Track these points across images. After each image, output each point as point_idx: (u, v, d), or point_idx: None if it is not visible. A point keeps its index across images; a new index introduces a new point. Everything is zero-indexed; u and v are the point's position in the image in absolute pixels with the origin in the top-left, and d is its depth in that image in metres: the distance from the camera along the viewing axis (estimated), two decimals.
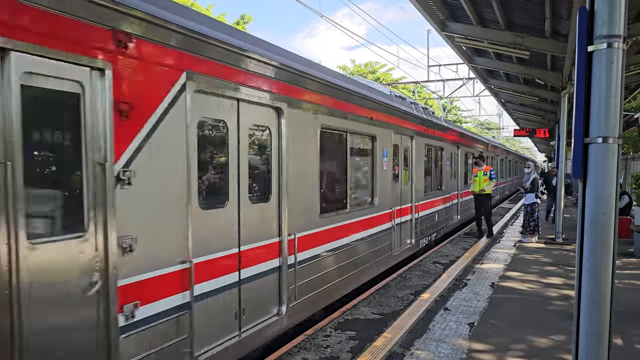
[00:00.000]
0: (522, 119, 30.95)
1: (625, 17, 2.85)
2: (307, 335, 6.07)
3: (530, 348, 5.69)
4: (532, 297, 7.83)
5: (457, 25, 11.23)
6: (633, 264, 10.30)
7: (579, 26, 2.93)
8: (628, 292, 8.11)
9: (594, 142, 2.91)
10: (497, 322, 6.57)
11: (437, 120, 13.75)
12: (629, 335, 6.03)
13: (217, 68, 4.51)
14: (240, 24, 28.95)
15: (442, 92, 29.98)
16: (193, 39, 4.19)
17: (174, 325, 4.02)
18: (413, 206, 10.76)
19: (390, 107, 9.30)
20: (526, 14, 9.96)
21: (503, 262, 10.48)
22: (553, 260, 10.77)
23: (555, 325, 6.40)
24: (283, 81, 5.60)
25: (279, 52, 5.75)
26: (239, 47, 4.80)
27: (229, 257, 4.79)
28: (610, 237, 2.90)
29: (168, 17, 3.91)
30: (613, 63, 2.83)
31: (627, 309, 6.85)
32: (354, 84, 8.12)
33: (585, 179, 2.98)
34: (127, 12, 3.53)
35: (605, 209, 2.89)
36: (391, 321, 6.59)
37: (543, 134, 23.09)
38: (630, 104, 20.71)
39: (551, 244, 12.84)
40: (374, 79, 42.61)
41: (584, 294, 2.99)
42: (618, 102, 2.86)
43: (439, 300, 7.57)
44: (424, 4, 9.95)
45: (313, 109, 6.35)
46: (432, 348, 5.62)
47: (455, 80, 27.57)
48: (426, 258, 11.16)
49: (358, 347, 5.70)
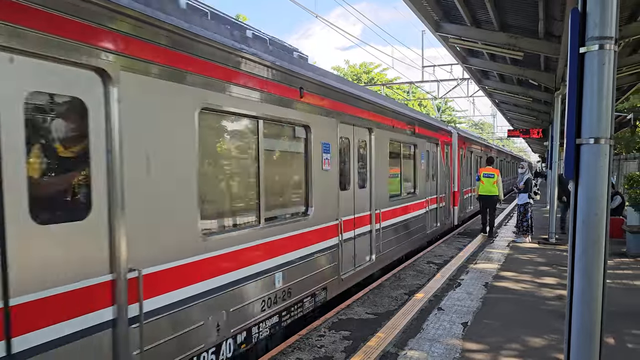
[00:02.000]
0: (516, 120, 31.07)
1: (617, 18, 2.87)
2: (301, 336, 6.07)
3: (524, 347, 5.71)
4: (525, 296, 7.86)
5: (451, 26, 11.26)
6: (625, 264, 10.36)
7: (571, 28, 2.94)
8: (620, 291, 8.15)
9: (586, 142, 2.92)
10: (490, 321, 6.59)
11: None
12: (621, 334, 6.07)
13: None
14: None
15: (436, 93, 30.05)
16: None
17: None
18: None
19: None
20: (520, 15, 10.01)
21: (497, 262, 10.51)
22: (547, 260, 10.82)
23: (549, 324, 6.43)
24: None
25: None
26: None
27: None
28: (602, 238, 2.92)
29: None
30: (605, 64, 2.85)
31: (619, 309, 6.89)
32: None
33: (577, 179, 3.00)
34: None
35: (597, 209, 2.91)
36: (385, 321, 6.60)
37: (537, 135, 23.19)
38: (623, 105, 20.85)
39: (545, 244, 12.90)
40: (368, 79, 42.68)
41: (575, 294, 3.01)
42: (610, 103, 2.88)
43: (432, 300, 7.59)
44: (418, 5, 9.96)
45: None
46: (425, 348, 5.63)
47: (449, 81, 27.68)
48: (420, 258, 11.19)
49: (352, 347, 5.70)
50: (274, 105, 5.67)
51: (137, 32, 3.82)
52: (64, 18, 3.24)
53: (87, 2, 3.38)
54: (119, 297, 3.68)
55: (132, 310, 3.78)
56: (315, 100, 6.69)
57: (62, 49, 3.22)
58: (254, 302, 5.33)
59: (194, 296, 4.45)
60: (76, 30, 3.32)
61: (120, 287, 3.68)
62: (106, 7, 3.52)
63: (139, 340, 3.82)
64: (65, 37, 3.25)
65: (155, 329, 4.02)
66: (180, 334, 4.28)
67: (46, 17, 3.12)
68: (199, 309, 4.51)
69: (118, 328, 3.68)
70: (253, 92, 5.28)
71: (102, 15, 3.51)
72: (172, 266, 4.19)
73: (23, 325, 3.05)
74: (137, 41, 3.82)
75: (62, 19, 3.23)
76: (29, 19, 3.04)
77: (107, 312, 3.62)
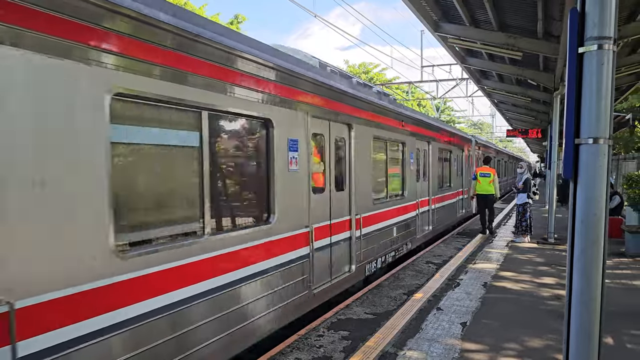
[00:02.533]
0: (515, 120, 31.09)
1: (615, 18, 2.87)
2: (300, 335, 6.07)
3: (523, 348, 5.71)
4: (524, 296, 7.86)
5: (450, 26, 11.27)
6: (624, 264, 10.37)
7: (570, 27, 2.94)
8: (619, 291, 8.16)
9: (584, 142, 2.92)
10: (489, 321, 6.59)
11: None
12: (620, 334, 6.07)
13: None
14: (234, 24, 28.88)
15: (435, 93, 30.06)
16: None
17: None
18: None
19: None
20: (519, 15, 10.01)
21: (496, 262, 10.51)
22: (545, 260, 10.82)
23: (548, 325, 6.43)
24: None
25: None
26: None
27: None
28: (601, 238, 2.92)
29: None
30: (604, 64, 2.85)
31: (618, 309, 6.89)
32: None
33: (576, 179, 2.99)
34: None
35: (596, 209, 2.91)
36: (384, 321, 6.59)
37: (536, 135, 23.22)
38: (622, 105, 20.87)
39: (544, 244, 12.91)
40: (367, 79, 42.71)
41: (574, 293, 3.01)
42: (608, 103, 2.87)
43: (431, 300, 7.59)
44: (417, 5, 9.97)
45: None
46: (424, 348, 5.63)
47: (448, 81, 27.68)
48: (419, 258, 11.19)
49: (351, 347, 5.70)
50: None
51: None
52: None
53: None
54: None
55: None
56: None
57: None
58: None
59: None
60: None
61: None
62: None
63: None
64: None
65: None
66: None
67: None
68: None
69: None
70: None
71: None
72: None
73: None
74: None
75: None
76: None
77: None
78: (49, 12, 3.09)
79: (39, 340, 3.01)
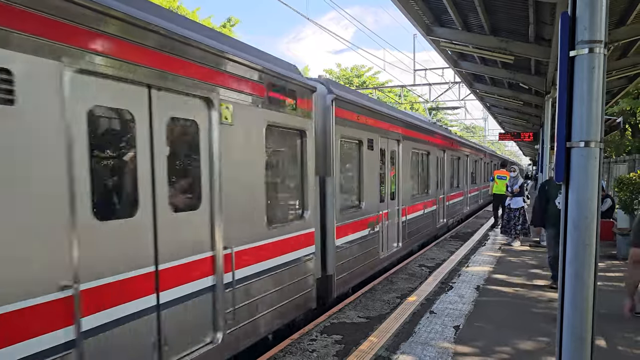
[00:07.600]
0: (507, 123, 31.28)
1: (606, 22, 2.88)
2: (293, 340, 6.04)
3: (516, 351, 5.72)
4: (517, 299, 7.88)
5: (443, 29, 11.33)
6: (616, 266, 10.42)
7: (561, 31, 2.95)
8: (611, 294, 8.18)
9: (576, 146, 2.92)
10: (482, 325, 6.59)
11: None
12: (612, 337, 6.09)
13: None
14: (227, 27, 28.85)
15: (428, 96, 30.16)
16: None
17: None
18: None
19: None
20: (510, 19, 10.08)
21: (489, 265, 10.54)
22: (538, 262, 10.85)
23: (541, 328, 6.44)
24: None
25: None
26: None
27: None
28: (593, 240, 2.92)
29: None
30: (594, 68, 2.86)
31: (611, 311, 6.91)
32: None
33: (567, 182, 3.00)
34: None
35: (588, 212, 2.91)
36: (377, 325, 6.58)
37: (527, 138, 23.35)
38: (613, 109, 21.04)
39: (536, 247, 12.95)
40: (360, 82, 42.79)
41: (567, 296, 3.00)
42: (599, 106, 2.88)
43: (425, 303, 7.59)
44: (409, 9, 10.01)
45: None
46: (417, 351, 5.62)
47: (441, 84, 27.76)
48: (412, 261, 11.19)
49: (344, 351, 5.68)
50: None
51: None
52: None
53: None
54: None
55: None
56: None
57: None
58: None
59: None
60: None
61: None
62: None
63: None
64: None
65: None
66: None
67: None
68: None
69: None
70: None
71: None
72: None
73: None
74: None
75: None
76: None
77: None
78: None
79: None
